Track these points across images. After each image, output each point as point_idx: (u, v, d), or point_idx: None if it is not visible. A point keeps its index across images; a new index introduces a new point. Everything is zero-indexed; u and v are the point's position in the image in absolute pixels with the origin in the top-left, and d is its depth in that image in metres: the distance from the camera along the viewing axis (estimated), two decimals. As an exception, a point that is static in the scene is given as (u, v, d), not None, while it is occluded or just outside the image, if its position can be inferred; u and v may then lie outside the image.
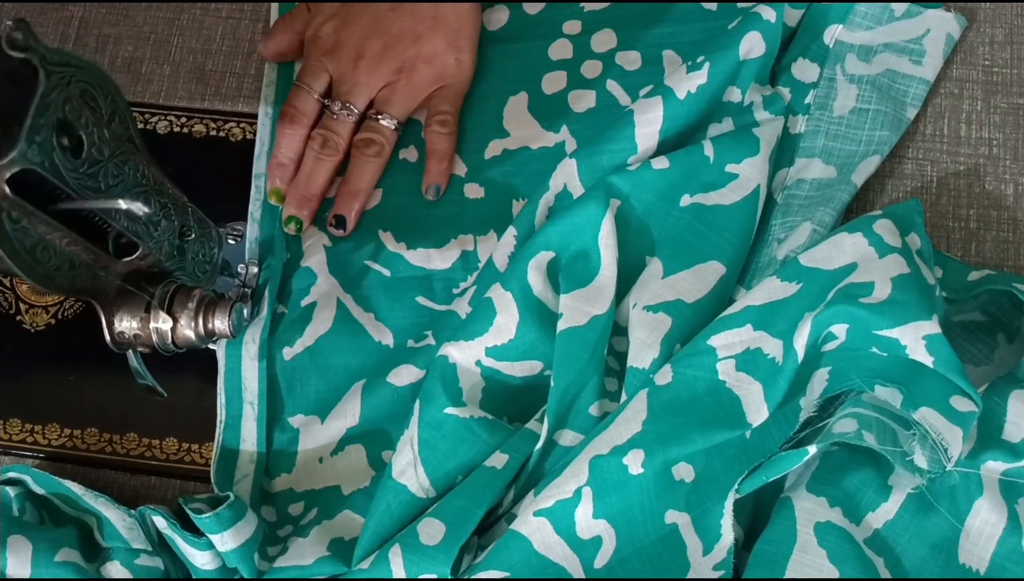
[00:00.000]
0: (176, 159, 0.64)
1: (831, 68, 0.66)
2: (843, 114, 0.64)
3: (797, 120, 0.65)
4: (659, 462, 0.53)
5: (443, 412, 0.57)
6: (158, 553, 0.58)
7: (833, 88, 0.65)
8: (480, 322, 0.59)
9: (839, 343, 0.54)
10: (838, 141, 0.64)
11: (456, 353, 0.58)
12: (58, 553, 0.56)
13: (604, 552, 0.53)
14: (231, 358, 0.61)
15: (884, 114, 0.64)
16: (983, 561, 0.52)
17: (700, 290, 0.59)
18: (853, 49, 0.66)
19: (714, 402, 0.54)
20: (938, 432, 0.50)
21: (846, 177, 0.63)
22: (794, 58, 0.66)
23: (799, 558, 0.51)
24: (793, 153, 0.64)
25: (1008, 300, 0.58)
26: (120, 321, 0.55)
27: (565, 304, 0.58)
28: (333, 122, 0.65)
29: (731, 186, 0.61)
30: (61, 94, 0.47)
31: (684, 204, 0.61)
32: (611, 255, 0.59)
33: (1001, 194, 0.65)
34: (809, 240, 0.60)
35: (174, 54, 0.71)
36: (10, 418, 0.63)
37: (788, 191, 0.63)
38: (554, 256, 0.60)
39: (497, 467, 0.55)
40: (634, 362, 0.57)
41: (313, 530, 0.58)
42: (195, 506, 0.56)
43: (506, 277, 0.59)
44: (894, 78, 0.65)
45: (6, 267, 0.47)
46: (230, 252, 0.64)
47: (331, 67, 0.65)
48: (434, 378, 0.58)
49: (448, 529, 0.53)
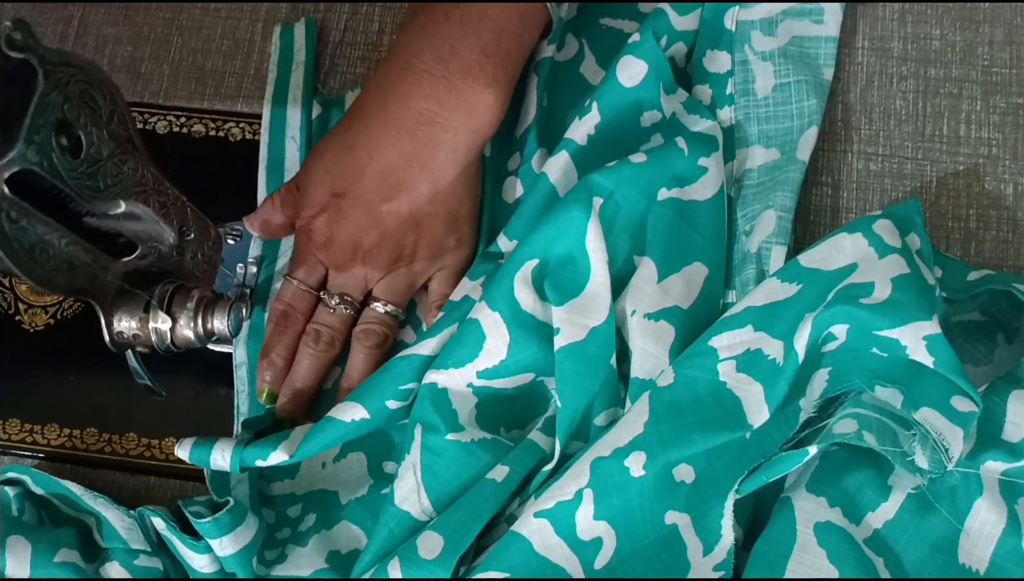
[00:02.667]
0: (176, 159, 0.64)
1: (740, 51, 0.65)
2: (767, 94, 0.64)
3: (724, 112, 0.64)
4: (660, 464, 0.53)
5: (445, 439, 0.56)
6: (157, 554, 0.58)
7: (749, 71, 0.65)
8: (468, 346, 0.57)
9: (839, 344, 0.54)
10: (771, 122, 0.64)
11: (446, 380, 0.57)
12: (57, 554, 0.56)
13: (604, 553, 0.53)
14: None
15: (806, 83, 0.64)
16: (983, 561, 0.52)
17: (691, 294, 0.58)
18: (755, 26, 0.66)
19: (715, 403, 0.54)
20: (939, 432, 0.50)
21: (791, 156, 0.62)
22: (702, 52, 0.65)
23: (799, 558, 0.51)
24: (731, 146, 0.64)
25: (1007, 300, 0.58)
26: (119, 321, 0.55)
27: (561, 318, 0.57)
28: (329, 316, 0.61)
29: (703, 181, 0.61)
30: (60, 94, 0.47)
31: (662, 197, 0.60)
32: (601, 259, 0.57)
33: (1001, 194, 0.65)
34: (777, 226, 0.60)
35: (173, 54, 0.71)
36: (10, 418, 0.63)
37: (739, 184, 0.63)
38: (538, 263, 0.58)
39: (497, 480, 0.55)
40: (638, 373, 0.56)
41: (311, 539, 0.58)
42: (195, 509, 0.56)
43: (492, 295, 0.58)
44: (802, 44, 0.65)
45: (5, 267, 0.47)
46: (230, 252, 0.64)
47: (326, 260, 0.61)
48: (426, 405, 0.57)
49: (446, 543, 0.53)
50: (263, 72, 0.70)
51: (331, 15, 0.71)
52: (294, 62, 0.69)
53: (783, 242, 0.60)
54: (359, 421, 0.57)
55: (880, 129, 0.66)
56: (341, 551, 0.57)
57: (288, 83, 0.68)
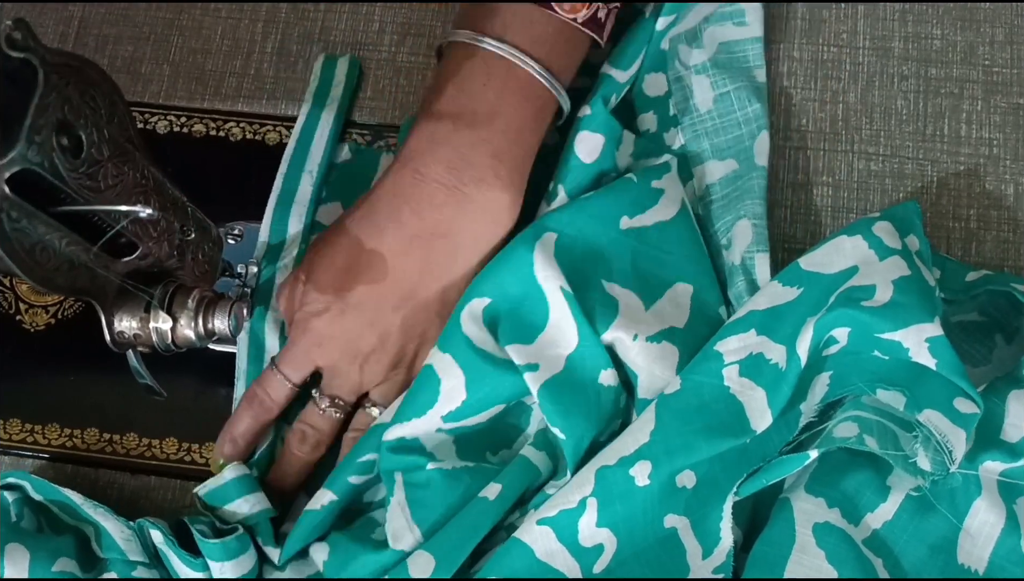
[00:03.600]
0: (176, 159, 0.64)
1: (673, 68, 0.65)
2: (709, 108, 0.64)
3: (673, 134, 0.64)
4: (666, 473, 0.53)
5: (427, 470, 0.55)
6: (155, 566, 0.57)
7: (685, 87, 0.64)
8: (425, 393, 0.56)
9: (840, 347, 0.54)
10: (719, 135, 0.64)
11: (411, 431, 0.56)
12: (55, 563, 0.56)
13: (604, 558, 0.53)
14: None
15: (743, 88, 0.64)
16: (982, 561, 0.52)
17: (683, 314, 0.58)
18: (681, 40, 0.65)
19: (720, 409, 0.54)
20: (942, 434, 0.50)
21: (750, 164, 0.62)
22: (642, 79, 0.65)
23: (798, 559, 0.51)
24: (687, 166, 0.63)
25: (1006, 300, 0.58)
26: (120, 321, 0.55)
27: (533, 354, 0.55)
28: (319, 418, 0.59)
29: (662, 202, 0.60)
30: (61, 94, 0.47)
31: (624, 226, 0.59)
32: (554, 287, 0.56)
33: (1001, 194, 0.65)
34: (754, 234, 0.59)
35: (174, 54, 0.71)
36: (10, 418, 0.63)
37: (703, 200, 0.63)
38: (489, 302, 0.57)
39: (490, 497, 0.54)
40: (645, 394, 0.56)
41: (288, 567, 0.58)
42: (200, 528, 0.56)
43: (441, 339, 0.57)
44: (729, 49, 0.65)
45: (6, 267, 0.47)
46: (230, 252, 0.64)
47: (321, 360, 0.58)
48: (395, 456, 0.56)
49: (438, 563, 0.53)
50: (263, 72, 0.70)
51: (331, 15, 0.71)
52: (330, 96, 0.68)
53: (764, 249, 0.59)
54: (327, 505, 0.57)
55: (881, 129, 0.66)
56: (320, 570, 0.57)
57: (319, 117, 0.67)
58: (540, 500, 0.55)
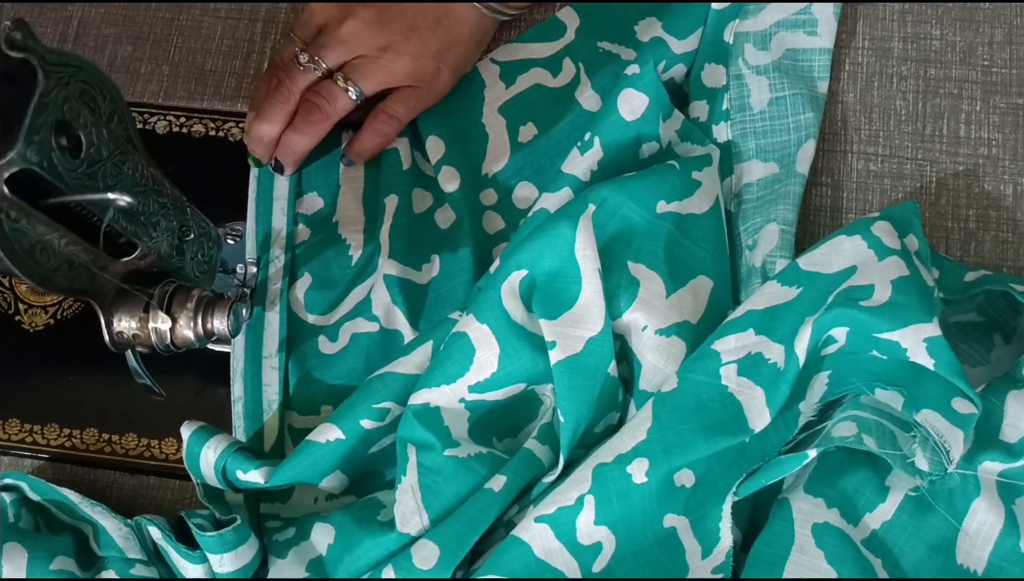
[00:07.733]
0: (175, 159, 0.64)
1: (735, 65, 0.65)
2: (763, 108, 0.64)
3: (721, 128, 0.64)
4: (663, 471, 0.53)
5: (442, 456, 0.56)
6: (153, 563, 0.58)
7: (744, 85, 0.65)
8: (458, 361, 0.57)
9: (839, 347, 0.54)
10: (767, 136, 0.64)
11: (438, 398, 0.57)
12: (53, 561, 0.56)
13: (603, 557, 0.53)
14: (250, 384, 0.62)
15: (801, 96, 0.64)
16: (981, 562, 0.52)
17: (699, 309, 0.58)
18: (749, 38, 0.65)
19: (718, 408, 0.54)
20: (940, 434, 0.50)
21: (790, 169, 0.62)
22: (700, 67, 0.65)
23: (797, 559, 0.51)
24: (729, 161, 0.63)
25: (1005, 301, 0.58)
26: (119, 321, 0.55)
27: (555, 331, 0.56)
28: (296, 72, 0.62)
29: (698, 194, 0.60)
30: (60, 94, 0.47)
31: (661, 210, 0.59)
32: (591, 267, 0.56)
33: (1000, 194, 0.65)
34: (780, 240, 0.60)
35: (173, 54, 0.71)
36: (9, 418, 0.63)
37: (738, 198, 0.63)
38: (527, 274, 0.57)
39: (495, 489, 0.55)
40: (646, 386, 0.56)
41: (290, 551, 0.57)
42: (198, 521, 0.56)
43: (479, 308, 0.57)
44: (795, 56, 0.65)
45: (5, 267, 0.47)
46: (229, 252, 0.64)
47: (318, 19, 0.64)
48: (416, 426, 0.56)
49: (442, 553, 0.53)
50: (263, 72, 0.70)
51: (331, 15, 0.71)
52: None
53: (787, 256, 0.59)
54: (334, 442, 0.57)
55: (880, 129, 0.66)
56: (322, 554, 0.57)
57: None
58: (536, 491, 0.56)
